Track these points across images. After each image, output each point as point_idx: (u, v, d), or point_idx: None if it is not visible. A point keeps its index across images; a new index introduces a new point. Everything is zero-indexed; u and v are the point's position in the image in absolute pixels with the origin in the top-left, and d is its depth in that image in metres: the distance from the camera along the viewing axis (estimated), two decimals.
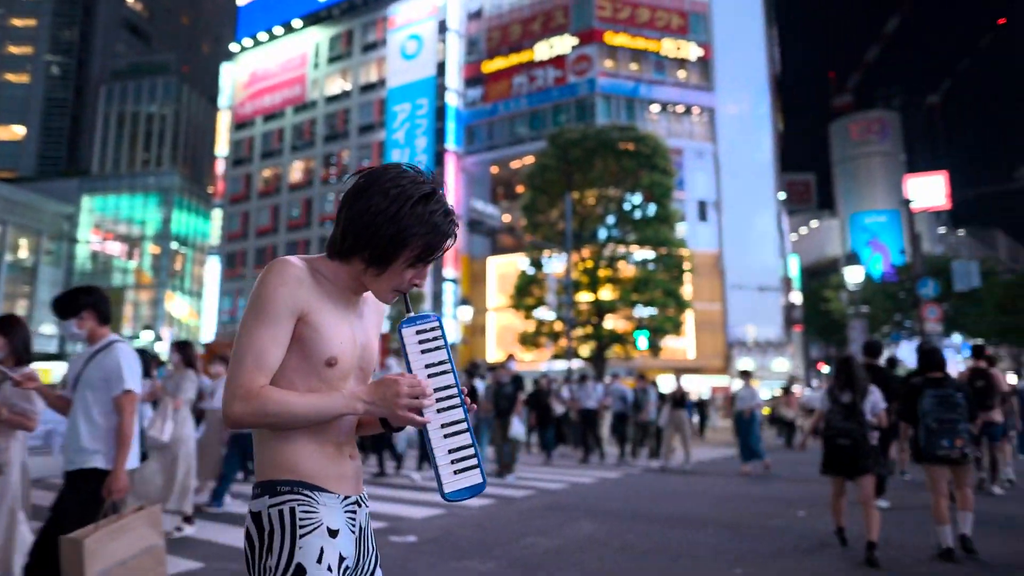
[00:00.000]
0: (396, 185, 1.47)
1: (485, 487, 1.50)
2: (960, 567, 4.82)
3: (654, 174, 25.99)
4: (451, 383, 1.50)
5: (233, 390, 1.40)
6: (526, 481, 9.71)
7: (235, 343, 1.44)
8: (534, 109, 40.04)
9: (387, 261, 1.47)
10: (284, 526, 1.40)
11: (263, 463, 1.47)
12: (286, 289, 1.43)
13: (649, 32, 39.43)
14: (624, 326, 26.35)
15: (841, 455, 5.16)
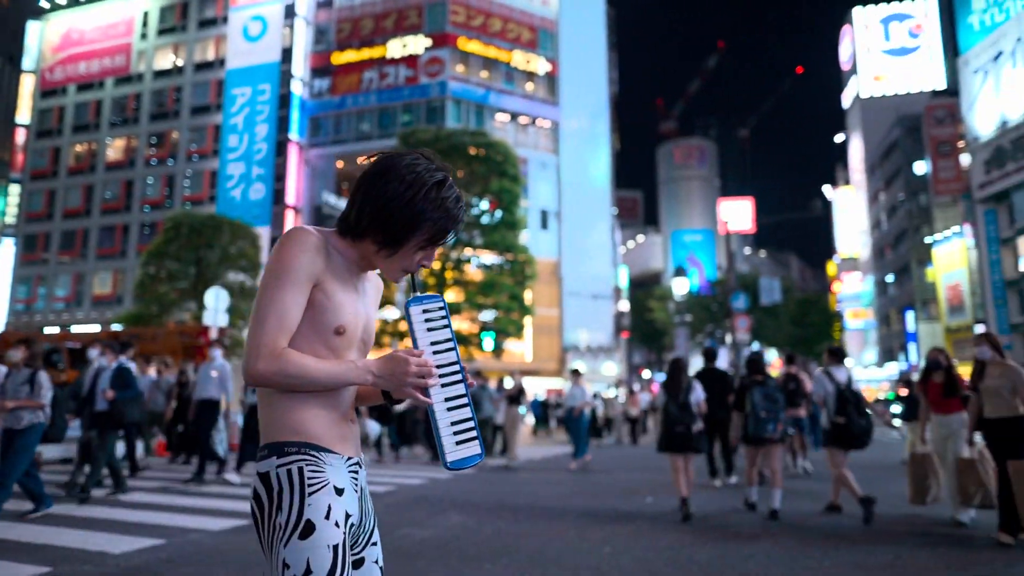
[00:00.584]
0: (412, 171, 1.54)
1: (484, 457, 1.58)
2: (764, 521, 5.58)
3: (503, 181, 26.71)
4: (454, 360, 1.57)
5: (257, 349, 1.43)
6: (381, 477, 9.68)
7: (256, 304, 1.48)
8: (384, 106, 39.57)
9: (400, 243, 1.54)
10: (293, 484, 1.43)
11: (270, 426, 1.50)
12: (306, 256, 1.47)
13: (501, 42, 40.45)
14: (469, 328, 26.79)
15: (678, 438, 6.56)
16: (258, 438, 1.59)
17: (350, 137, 39.92)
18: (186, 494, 7.71)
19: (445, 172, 1.59)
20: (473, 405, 1.60)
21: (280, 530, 1.41)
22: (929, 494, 6.29)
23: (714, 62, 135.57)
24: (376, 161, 1.58)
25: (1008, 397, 5.48)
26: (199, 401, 9.07)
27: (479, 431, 1.58)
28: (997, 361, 5.69)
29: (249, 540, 5.40)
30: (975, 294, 46.54)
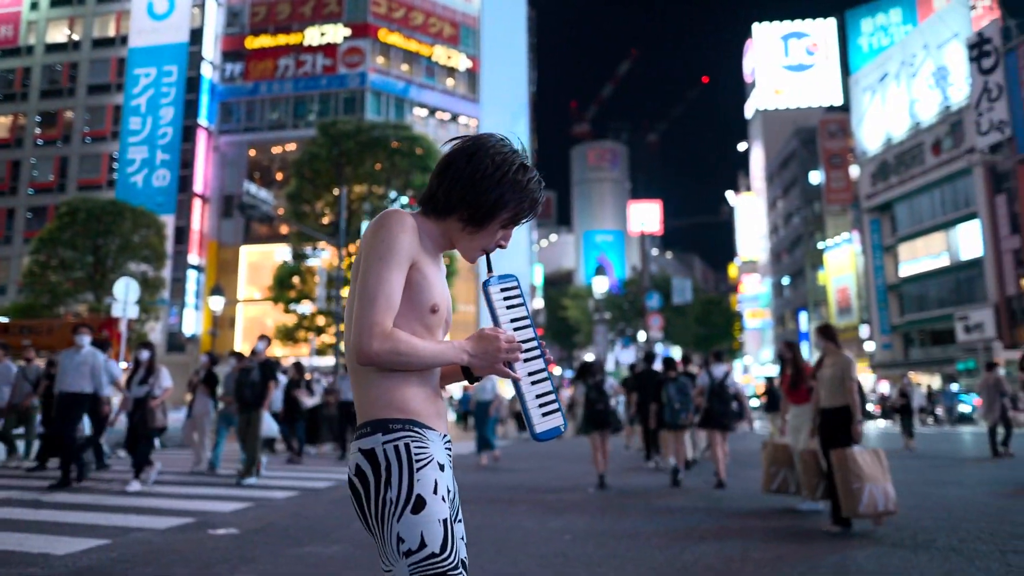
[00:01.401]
0: (500, 152, 1.61)
1: (566, 428, 1.65)
2: (679, 490, 5.94)
3: (426, 176, 26.50)
4: (533, 336, 1.62)
5: (369, 328, 1.45)
6: (320, 474, 9.51)
7: (362, 283, 1.50)
8: (300, 95, 38.47)
9: (485, 221, 1.61)
10: (401, 460, 1.46)
11: (371, 403, 1.53)
12: (406, 236, 1.52)
13: (422, 36, 40.13)
14: None
15: (599, 417, 8.04)
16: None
17: (263, 125, 38.57)
18: (111, 493, 7.33)
19: (526, 156, 1.67)
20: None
21: (392, 505, 1.44)
22: (774, 482, 6.66)
23: (626, 68, 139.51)
24: (465, 142, 1.64)
25: (839, 386, 5.56)
26: (62, 394, 7.78)
27: (560, 404, 1.63)
28: (831, 351, 5.81)
29: (205, 538, 5.24)
30: (861, 297, 50.08)
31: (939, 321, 41.18)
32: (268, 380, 8.53)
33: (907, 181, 43.55)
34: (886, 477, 5.39)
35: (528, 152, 1.67)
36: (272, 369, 8.71)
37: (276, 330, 26.61)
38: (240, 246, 37.54)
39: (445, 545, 1.45)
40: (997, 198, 37.14)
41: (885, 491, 5.28)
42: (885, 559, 4.45)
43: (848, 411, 5.51)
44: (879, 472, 5.35)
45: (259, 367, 8.57)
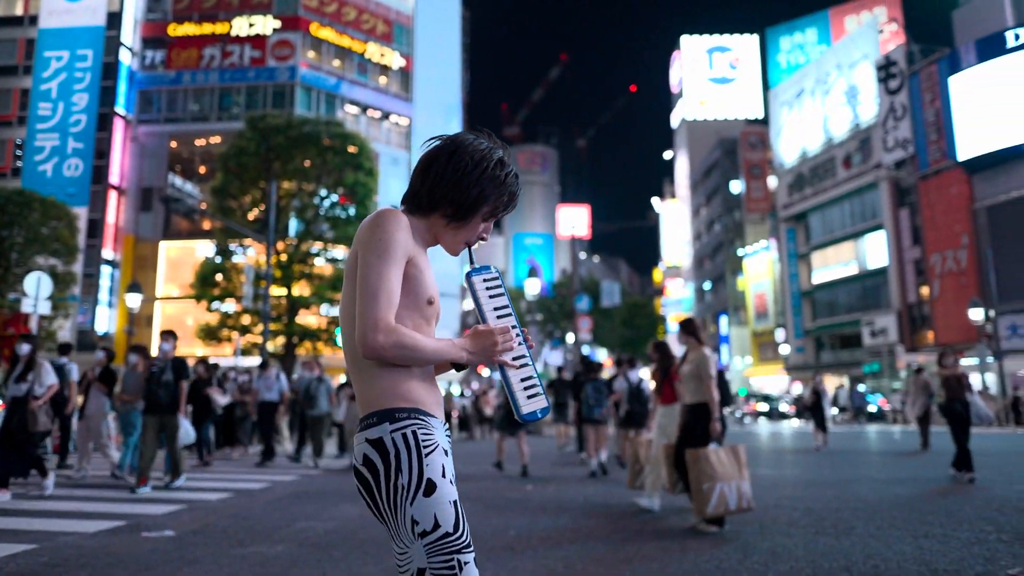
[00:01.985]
0: (478, 149, 1.69)
1: (550, 411, 1.71)
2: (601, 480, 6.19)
3: (359, 174, 26.18)
4: (515, 324, 1.70)
5: (374, 323, 1.50)
6: (253, 475, 9.29)
7: (362, 280, 1.55)
8: (226, 86, 37.23)
9: (468, 216, 1.69)
10: (409, 447, 1.52)
11: (375, 394, 1.58)
12: (402, 234, 1.58)
13: (355, 32, 39.54)
14: (317, 323, 25.99)
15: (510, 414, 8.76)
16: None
17: (186, 116, 37.12)
18: (27, 499, 6.96)
19: (504, 150, 1.76)
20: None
21: (404, 490, 1.51)
22: (638, 479, 6.90)
23: (557, 73, 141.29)
24: (446, 141, 1.72)
25: (698, 383, 5.51)
26: None
27: (543, 387, 1.71)
28: (692, 346, 5.74)
29: (139, 541, 5.08)
30: (777, 302, 52.39)
31: (847, 326, 43.57)
32: (181, 380, 7.85)
33: (820, 193, 45.90)
34: (742, 474, 5.25)
35: (504, 147, 1.76)
36: (185, 368, 8.04)
37: (198, 329, 25.66)
38: (159, 241, 36.00)
39: (458, 524, 1.53)
40: (901, 211, 39.63)
41: (739, 489, 5.18)
42: (811, 545, 4.75)
43: (707, 408, 5.48)
44: (734, 470, 5.21)
45: (171, 366, 7.87)
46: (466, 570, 1.51)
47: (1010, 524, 5.49)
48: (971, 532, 5.14)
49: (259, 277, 22.91)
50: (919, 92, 37.65)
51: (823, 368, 45.11)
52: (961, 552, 4.47)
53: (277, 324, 24.79)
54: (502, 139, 1.84)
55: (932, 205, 36.79)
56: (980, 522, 5.58)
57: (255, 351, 24.74)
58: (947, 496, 7.22)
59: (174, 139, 37.17)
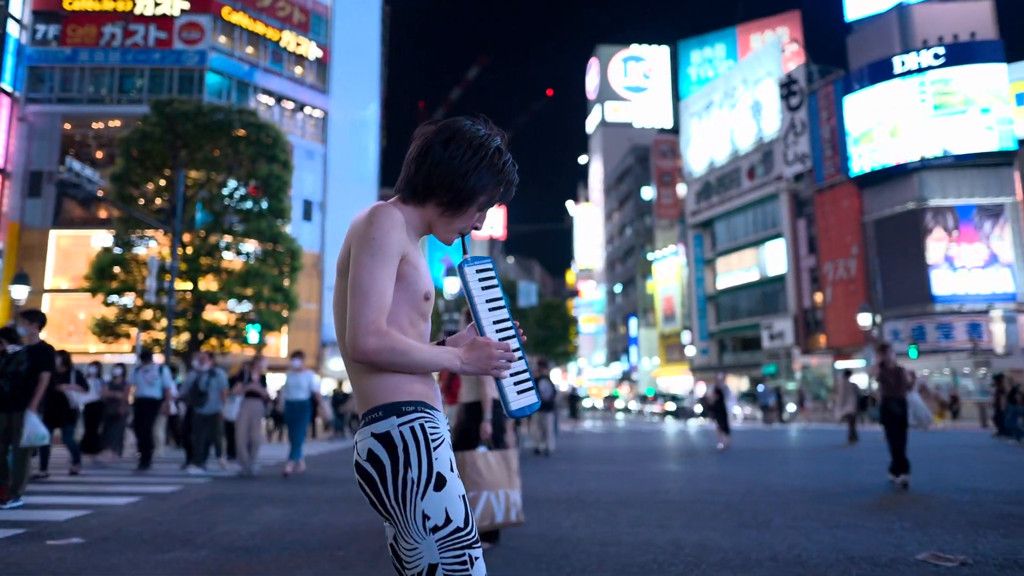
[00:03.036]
0: (476, 136, 1.64)
1: (539, 406, 1.68)
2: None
3: (273, 166, 25.29)
4: (507, 316, 1.66)
5: (364, 326, 1.47)
6: (158, 479, 8.80)
7: (354, 281, 1.50)
8: (127, 67, 35.10)
9: (464, 205, 1.64)
10: (419, 440, 1.50)
11: (377, 389, 1.54)
12: (396, 233, 1.53)
13: (269, 19, 38.19)
14: (224, 319, 24.92)
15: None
16: None
17: (82, 97, 34.75)
18: None
19: (502, 137, 1.71)
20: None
21: (414, 485, 1.48)
22: None
23: (476, 74, 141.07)
24: (441, 127, 1.66)
25: (474, 379, 5.20)
26: None
27: (535, 382, 1.67)
28: None
29: (45, 549, 4.72)
30: (684, 305, 54.40)
31: (748, 329, 45.79)
32: (41, 370, 6.41)
33: (726, 201, 48.04)
34: (512, 483, 4.70)
35: (501, 133, 1.71)
36: (46, 356, 6.51)
37: (93, 324, 24.08)
38: (49, 230, 33.54)
39: (467, 519, 1.51)
40: (798, 222, 42.02)
41: (508, 499, 4.61)
42: (736, 537, 4.97)
43: (479, 407, 5.13)
44: (504, 478, 4.66)
45: (28, 353, 6.43)
46: (476, 565, 1.50)
47: (910, 513, 5.92)
48: (878, 522, 5.52)
49: (163, 270, 21.75)
50: (817, 110, 40.04)
51: (726, 369, 47.21)
52: (873, 540, 4.79)
53: (182, 320, 23.60)
54: None
55: (826, 217, 39.20)
56: (884, 512, 6.00)
57: (157, 348, 23.47)
58: (851, 488, 7.71)
59: (68, 121, 34.73)
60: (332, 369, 36.88)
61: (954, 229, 34.13)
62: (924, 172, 34.76)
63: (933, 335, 33.37)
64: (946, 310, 33.53)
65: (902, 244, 34.70)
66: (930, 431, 19.52)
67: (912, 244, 34.42)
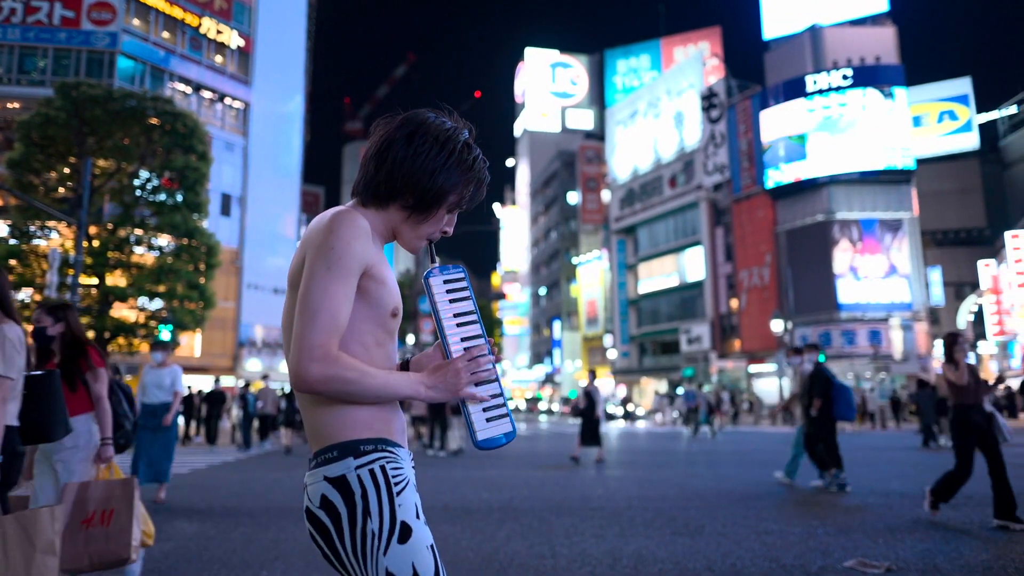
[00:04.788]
0: (442, 130, 1.47)
1: (515, 435, 1.47)
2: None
3: (189, 157, 24.17)
4: (479, 333, 1.47)
5: (309, 350, 1.28)
6: None
7: (304, 295, 1.32)
8: (28, 46, 32.85)
9: (431, 207, 1.46)
10: (379, 486, 1.32)
11: (332, 424, 1.36)
12: (359, 244, 1.35)
13: (188, 4, 36.53)
14: (135, 317, 23.62)
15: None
16: None
17: None
18: None
19: (470, 130, 1.54)
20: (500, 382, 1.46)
21: (375, 538, 1.30)
22: None
23: (403, 71, 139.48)
24: (402, 120, 1.48)
25: None
26: None
27: (508, 407, 1.47)
28: None
29: None
30: (607, 309, 55.41)
31: (668, 333, 47.08)
32: None
33: (648, 208, 49.27)
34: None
35: (469, 126, 1.55)
36: None
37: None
38: None
39: (437, 573, 1.34)
40: (717, 230, 43.53)
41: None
42: (672, 546, 5.00)
43: None
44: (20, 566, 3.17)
45: None
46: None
47: (831, 518, 6.14)
48: (802, 527, 5.69)
49: (67, 264, 20.41)
50: (735, 123, 41.61)
51: (646, 372, 48.36)
52: (801, 547, 4.92)
53: (86, 317, 22.20)
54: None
55: (742, 226, 40.77)
56: (806, 517, 6.20)
57: None
58: (771, 492, 7.95)
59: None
60: (249, 371, 35.57)
61: (858, 241, 36.16)
62: (832, 186, 36.67)
63: (838, 341, 35.22)
64: (850, 317, 35.45)
65: (811, 254, 36.49)
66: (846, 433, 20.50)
67: (820, 254, 36.25)
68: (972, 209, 46.75)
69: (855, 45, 39.81)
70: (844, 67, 37.44)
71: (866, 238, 36.13)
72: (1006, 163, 47.31)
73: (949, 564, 4.39)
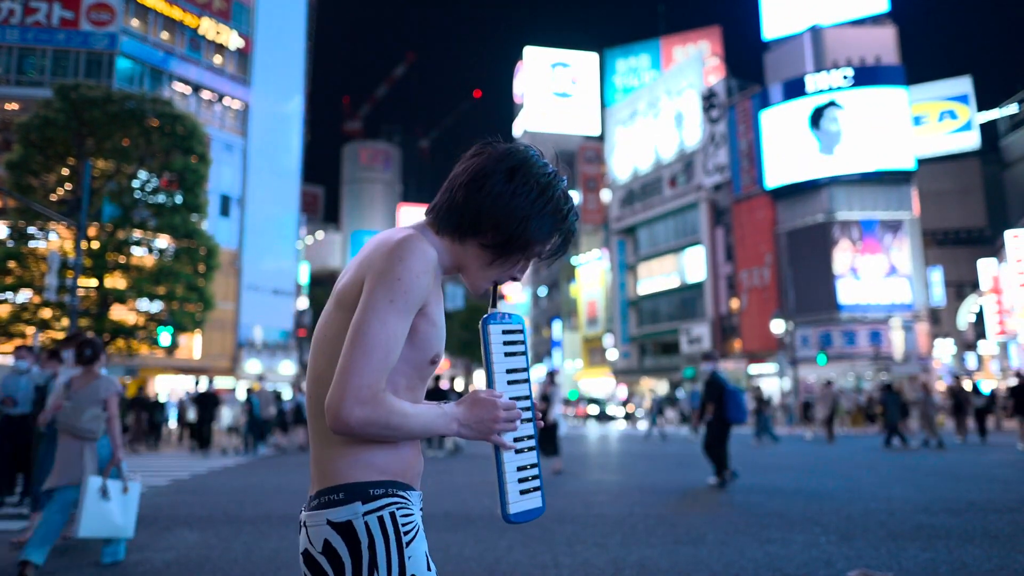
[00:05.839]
0: (545, 174, 1.37)
1: (543, 511, 1.38)
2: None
3: (188, 159, 24.14)
4: (527, 394, 1.39)
5: (356, 389, 1.17)
6: None
7: (360, 325, 1.21)
8: (28, 47, 32.82)
9: (513, 252, 1.37)
10: (388, 535, 1.23)
11: (344, 463, 1.26)
12: (426, 279, 1.26)
13: (187, 5, 36.50)
14: (133, 319, 23.60)
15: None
16: None
17: None
18: None
19: (567, 178, 1.44)
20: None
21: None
22: None
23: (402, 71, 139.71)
24: (503, 154, 1.37)
25: None
26: None
27: (542, 480, 1.38)
28: None
29: None
30: (607, 309, 55.40)
31: (668, 334, 47.06)
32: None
33: (648, 209, 49.25)
34: None
35: (568, 173, 1.45)
36: None
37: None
38: None
39: None
40: (717, 230, 43.51)
41: None
42: (674, 555, 4.98)
43: None
44: None
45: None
46: None
47: (833, 524, 6.12)
48: (804, 535, 5.67)
49: (66, 266, 20.39)
50: (735, 123, 41.58)
51: (647, 372, 48.35)
52: (803, 556, 4.90)
53: (85, 319, 22.18)
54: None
55: (742, 226, 40.75)
56: (808, 524, 6.18)
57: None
58: (774, 498, 7.93)
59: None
60: (248, 372, 35.54)
61: (858, 241, 36.14)
62: (833, 187, 36.65)
63: (839, 342, 35.21)
64: (850, 318, 35.43)
65: (812, 254, 36.46)
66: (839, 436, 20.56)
67: (821, 255, 36.22)
68: (973, 209, 46.76)
69: (855, 45, 39.79)
70: (844, 67, 37.41)
71: (866, 238, 36.11)
72: (1007, 162, 47.31)
73: (953, 574, 4.37)
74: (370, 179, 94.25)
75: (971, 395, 17.95)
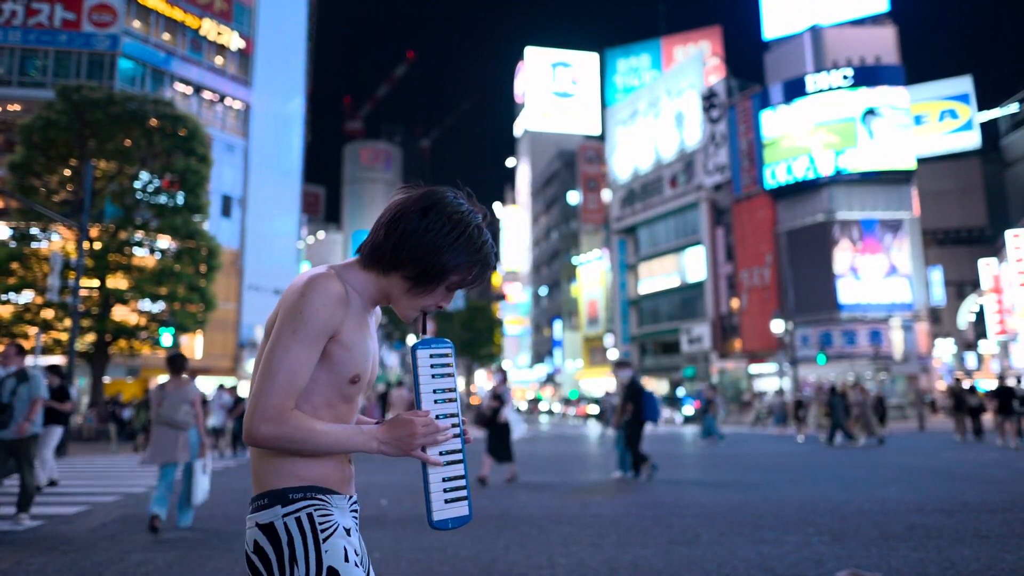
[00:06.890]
0: (457, 211, 1.49)
1: (471, 519, 1.50)
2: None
3: (190, 160, 24.25)
4: (455, 412, 1.51)
5: (263, 409, 1.36)
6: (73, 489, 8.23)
7: (267, 355, 1.40)
8: (29, 48, 32.91)
9: (432, 282, 1.49)
10: (305, 532, 1.39)
11: (269, 473, 1.43)
12: (328, 311, 1.40)
13: (188, 6, 36.59)
14: (135, 319, 23.71)
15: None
16: None
17: None
18: None
19: (483, 212, 1.55)
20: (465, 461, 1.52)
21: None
22: None
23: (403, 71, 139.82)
24: (420, 195, 1.51)
25: None
26: None
27: (470, 491, 1.50)
28: None
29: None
30: (607, 309, 55.46)
31: (668, 333, 47.10)
32: None
33: (649, 208, 49.27)
34: None
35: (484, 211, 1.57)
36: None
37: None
38: None
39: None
40: (717, 230, 43.53)
41: None
42: (668, 556, 5.06)
43: None
44: None
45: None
46: None
47: (826, 525, 6.19)
48: (797, 535, 5.74)
49: (68, 267, 20.50)
50: (735, 123, 41.60)
51: (647, 372, 48.40)
52: (795, 556, 4.98)
53: (87, 320, 22.30)
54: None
55: (743, 226, 40.78)
56: (802, 524, 6.25)
57: (58, 349, 22.12)
58: (769, 498, 8.01)
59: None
60: (249, 372, 35.65)
61: (859, 241, 36.15)
62: (833, 186, 36.66)
63: (839, 341, 35.23)
64: (851, 318, 35.46)
65: (812, 254, 36.48)
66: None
67: (821, 254, 36.24)
68: (973, 208, 46.76)
69: (855, 45, 39.80)
70: (844, 67, 37.43)
71: (866, 238, 36.13)
72: (1007, 162, 47.31)
73: (941, 574, 4.44)
74: (371, 179, 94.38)
75: (969, 395, 18.04)
